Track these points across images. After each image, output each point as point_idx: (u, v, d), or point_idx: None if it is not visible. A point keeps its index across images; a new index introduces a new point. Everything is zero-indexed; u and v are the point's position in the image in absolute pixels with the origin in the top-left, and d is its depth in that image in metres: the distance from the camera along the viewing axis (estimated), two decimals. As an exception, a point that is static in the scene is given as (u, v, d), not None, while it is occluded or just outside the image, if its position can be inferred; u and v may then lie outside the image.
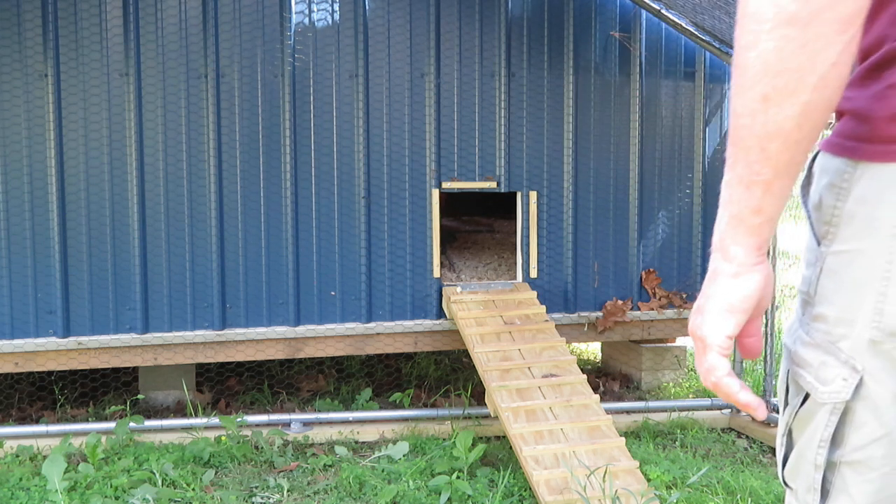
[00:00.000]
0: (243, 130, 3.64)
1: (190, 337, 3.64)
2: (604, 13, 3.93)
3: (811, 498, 1.01)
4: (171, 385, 4.03)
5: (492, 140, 3.86)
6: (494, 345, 3.42)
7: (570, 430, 3.00)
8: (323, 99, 3.70)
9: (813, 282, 0.99)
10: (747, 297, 0.96)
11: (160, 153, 3.59)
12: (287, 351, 3.76)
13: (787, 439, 1.04)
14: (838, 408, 0.96)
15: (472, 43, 3.81)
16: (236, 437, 3.47)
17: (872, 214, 0.90)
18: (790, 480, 1.06)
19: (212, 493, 3.00)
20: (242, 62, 3.62)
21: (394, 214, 3.79)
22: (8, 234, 3.49)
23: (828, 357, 0.96)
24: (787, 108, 0.86)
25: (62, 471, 2.89)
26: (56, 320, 3.54)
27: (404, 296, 3.83)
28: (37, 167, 3.49)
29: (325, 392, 4.26)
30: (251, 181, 3.67)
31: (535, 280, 3.93)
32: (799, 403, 1.01)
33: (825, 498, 1.00)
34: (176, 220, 3.62)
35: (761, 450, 3.59)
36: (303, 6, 3.66)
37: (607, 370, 4.74)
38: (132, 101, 3.54)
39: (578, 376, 3.27)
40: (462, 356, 4.86)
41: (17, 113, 3.46)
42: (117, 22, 3.51)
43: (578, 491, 2.67)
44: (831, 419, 0.97)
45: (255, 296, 3.70)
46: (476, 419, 3.73)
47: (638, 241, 4.03)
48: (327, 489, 3.07)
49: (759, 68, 0.86)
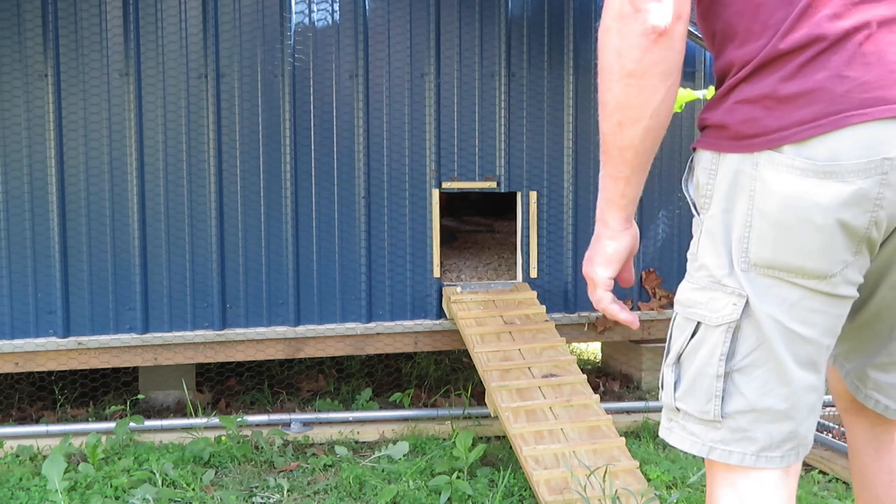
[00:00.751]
0: (243, 130, 3.64)
1: (190, 337, 3.64)
2: (604, 13, 3.94)
3: (712, 406, 1.32)
4: (171, 385, 4.03)
5: (492, 140, 3.86)
6: (494, 345, 3.42)
7: (571, 430, 3.00)
8: (323, 99, 3.70)
9: (695, 243, 1.37)
10: (619, 251, 1.46)
11: (160, 153, 3.59)
12: (287, 351, 3.76)
13: (677, 368, 1.37)
14: (731, 326, 1.30)
15: (472, 43, 3.81)
16: (236, 437, 3.47)
17: (733, 186, 1.30)
18: (682, 403, 1.36)
19: (212, 493, 3.00)
20: (242, 62, 3.62)
21: (394, 214, 3.79)
22: (8, 234, 3.49)
23: (714, 293, 1.31)
24: (634, 129, 1.31)
25: (62, 471, 2.89)
26: (56, 320, 3.54)
27: (404, 296, 3.83)
28: (37, 167, 3.49)
29: (325, 392, 4.26)
30: (251, 181, 3.67)
31: (535, 280, 3.93)
32: (690, 335, 1.34)
33: (724, 402, 1.32)
34: (176, 220, 3.62)
35: (761, 450, 3.59)
36: (303, 6, 3.66)
37: (607, 370, 4.74)
38: (132, 101, 3.54)
39: (578, 376, 3.27)
40: (462, 356, 4.86)
41: (17, 113, 3.46)
42: (117, 22, 3.51)
43: (578, 491, 2.67)
44: (727, 336, 1.30)
45: (255, 296, 3.70)
46: (476, 419, 3.73)
47: (638, 241, 4.03)
48: (327, 489, 3.07)
49: (615, 104, 1.30)
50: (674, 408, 1.39)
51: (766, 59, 1.27)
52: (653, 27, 1.25)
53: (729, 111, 1.31)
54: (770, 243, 1.27)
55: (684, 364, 1.37)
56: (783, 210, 1.26)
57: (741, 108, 1.29)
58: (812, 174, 1.23)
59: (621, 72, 1.28)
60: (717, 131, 1.33)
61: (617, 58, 1.28)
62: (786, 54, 1.25)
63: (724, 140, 1.31)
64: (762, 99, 1.27)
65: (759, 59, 1.28)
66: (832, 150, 1.22)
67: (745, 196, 1.28)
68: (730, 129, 1.31)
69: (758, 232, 1.28)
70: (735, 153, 1.30)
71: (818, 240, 1.26)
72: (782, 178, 1.25)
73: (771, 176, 1.26)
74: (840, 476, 3.21)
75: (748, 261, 1.29)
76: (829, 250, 1.27)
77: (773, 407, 1.30)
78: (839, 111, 1.22)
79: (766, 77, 1.27)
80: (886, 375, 1.51)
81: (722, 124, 1.32)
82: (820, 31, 1.24)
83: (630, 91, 1.29)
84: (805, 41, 1.24)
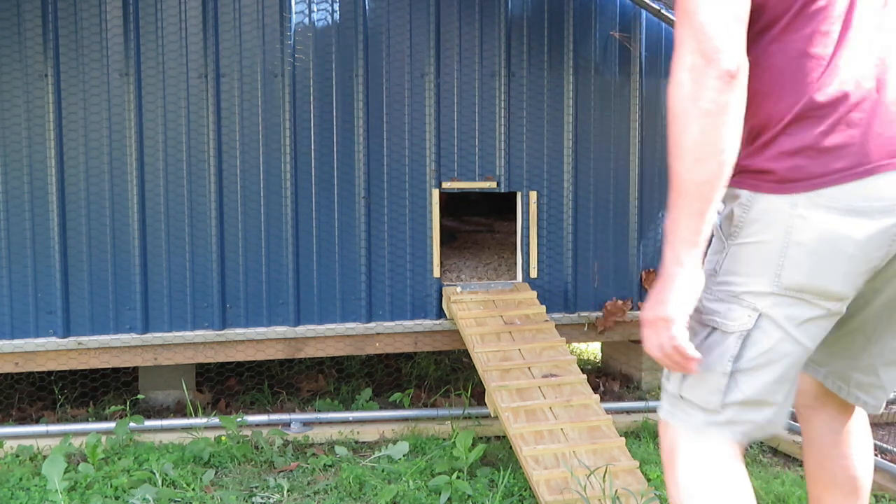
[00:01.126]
0: (243, 130, 3.64)
1: (190, 337, 3.64)
2: (604, 13, 3.93)
3: (715, 398, 1.57)
4: (171, 385, 4.03)
5: (492, 140, 3.86)
6: (494, 345, 3.42)
7: (570, 430, 3.00)
8: (323, 99, 3.70)
9: (720, 262, 1.59)
10: (697, 288, 1.52)
11: (160, 153, 3.59)
12: (287, 351, 3.76)
13: None
14: (743, 334, 1.54)
15: (472, 43, 3.81)
16: (236, 437, 3.47)
17: (768, 222, 1.53)
18: (688, 393, 1.60)
19: (212, 493, 3.00)
20: (242, 62, 3.62)
21: (394, 214, 3.79)
22: (8, 234, 3.49)
23: (733, 305, 1.56)
24: (711, 164, 1.46)
25: (62, 471, 2.89)
26: (56, 320, 3.54)
27: (404, 296, 3.83)
28: (37, 167, 3.49)
29: (325, 392, 4.26)
30: (251, 181, 3.67)
31: (535, 280, 3.93)
32: (704, 337, 1.58)
33: (725, 395, 1.56)
34: (176, 220, 3.62)
35: (761, 450, 3.59)
36: (303, 6, 3.65)
37: (607, 370, 4.74)
38: (132, 101, 3.54)
39: (578, 376, 3.27)
40: (462, 356, 4.86)
41: (17, 113, 3.46)
42: (117, 22, 3.51)
43: (578, 491, 2.67)
44: (738, 342, 1.55)
45: (255, 296, 3.70)
46: (476, 419, 3.73)
47: (638, 241, 4.03)
48: (327, 489, 3.07)
49: (692, 143, 1.45)
50: (678, 396, 1.62)
51: (802, 114, 1.52)
52: (727, 70, 1.45)
53: (774, 159, 1.54)
54: (805, 269, 1.52)
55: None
56: (821, 241, 1.51)
57: (786, 157, 1.53)
58: (847, 213, 1.49)
59: (698, 113, 1.46)
60: (759, 175, 1.55)
61: (693, 101, 1.46)
62: (820, 108, 1.50)
63: (766, 182, 1.54)
64: (806, 150, 1.51)
65: (795, 113, 1.52)
66: (865, 194, 1.49)
67: (781, 230, 1.52)
68: (775, 174, 1.53)
69: (793, 260, 1.52)
70: (776, 194, 1.53)
71: (845, 267, 1.52)
72: (821, 216, 1.50)
73: (811, 213, 1.50)
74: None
75: (780, 284, 1.53)
76: (851, 277, 1.53)
77: (766, 400, 1.57)
78: (870, 161, 1.49)
79: (805, 130, 1.52)
80: (867, 377, 1.78)
81: (766, 170, 1.54)
82: (848, 90, 1.50)
83: (707, 129, 1.46)
84: (836, 98, 1.50)
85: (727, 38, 1.48)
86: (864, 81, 1.51)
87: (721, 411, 1.57)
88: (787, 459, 3.50)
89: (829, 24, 1.52)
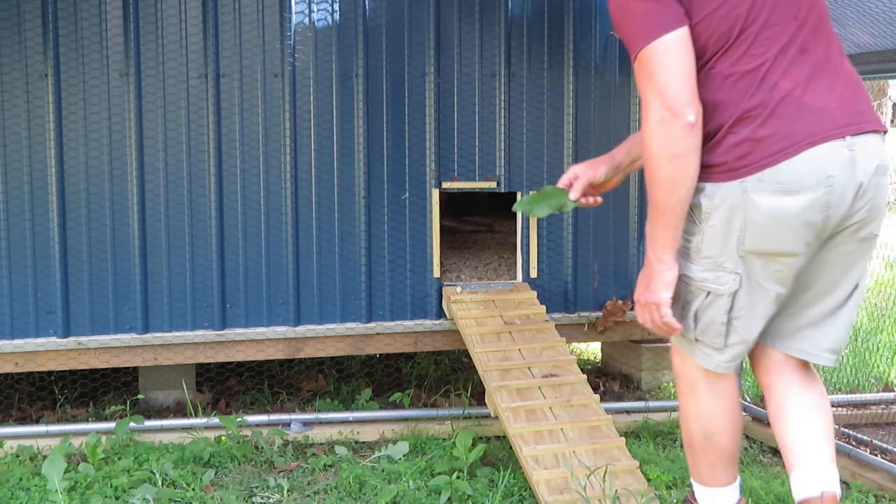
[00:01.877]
0: (243, 130, 3.64)
1: (190, 337, 3.64)
2: (604, 13, 3.93)
3: (720, 340, 2.17)
4: (171, 385, 4.03)
5: (492, 140, 3.86)
6: (494, 345, 3.42)
7: (570, 430, 3.00)
8: (323, 99, 3.70)
9: (700, 241, 2.10)
10: (674, 278, 2.11)
11: (160, 153, 3.59)
12: (287, 351, 3.76)
13: (695, 319, 2.17)
14: (732, 294, 2.10)
15: (472, 43, 3.81)
16: (236, 437, 3.47)
17: (728, 205, 2.04)
18: (701, 337, 2.19)
19: (212, 493, 3.00)
20: (242, 62, 3.62)
21: (394, 214, 3.79)
22: (8, 234, 3.49)
23: (719, 273, 2.10)
24: (681, 192, 2.02)
25: (62, 471, 2.89)
26: (56, 320, 3.54)
27: (404, 296, 3.83)
28: (37, 167, 3.49)
29: (325, 392, 4.26)
30: (251, 181, 3.67)
31: (535, 280, 3.93)
32: (703, 298, 2.13)
33: (726, 337, 2.16)
34: (176, 220, 3.62)
35: (761, 450, 3.59)
36: (303, 6, 3.66)
37: (607, 370, 4.74)
38: (132, 101, 3.54)
39: (578, 376, 3.27)
40: (462, 356, 4.86)
41: (18, 113, 3.46)
42: (117, 22, 3.51)
43: (578, 491, 2.68)
44: (729, 300, 2.11)
45: (255, 296, 3.70)
46: (476, 419, 3.73)
47: (638, 241, 4.03)
48: (327, 489, 3.08)
49: (666, 178, 2.00)
50: (695, 340, 2.20)
51: (741, 116, 2.01)
52: (689, 123, 1.96)
53: (725, 153, 2.03)
54: (760, 237, 2.04)
55: (699, 316, 2.16)
56: (766, 217, 2.02)
57: (733, 149, 2.02)
58: (784, 193, 1.99)
59: (669, 156, 1.99)
60: (715, 168, 2.04)
61: (664, 148, 1.98)
62: (754, 109, 2.00)
63: (721, 173, 2.03)
64: (746, 141, 2.00)
65: (735, 116, 2.01)
66: (794, 173, 1.98)
67: (740, 210, 2.03)
68: (726, 164, 2.03)
69: (751, 232, 2.04)
70: (730, 181, 2.03)
71: (791, 233, 2.03)
72: (765, 198, 2.00)
73: (757, 196, 2.01)
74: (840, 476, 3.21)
75: (745, 249, 2.06)
76: (798, 238, 2.03)
77: (750, 336, 2.18)
78: (795, 143, 1.97)
79: (744, 127, 2.00)
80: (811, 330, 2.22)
81: (720, 162, 2.03)
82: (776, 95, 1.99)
83: (677, 167, 2.00)
84: (765, 101, 1.99)
85: (687, 94, 1.97)
86: (789, 89, 1.99)
87: (724, 350, 2.18)
88: (787, 459, 3.50)
89: (758, 48, 2.00)
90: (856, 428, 3.63)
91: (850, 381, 4.48)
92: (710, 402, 2.26)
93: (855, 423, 3.74)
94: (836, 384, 4.39)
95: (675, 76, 1.97)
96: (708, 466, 2.33)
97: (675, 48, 1.97)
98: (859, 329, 5.29)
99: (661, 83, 1.97)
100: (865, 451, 3.25)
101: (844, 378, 4.51)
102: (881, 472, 3.09)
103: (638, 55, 2.03)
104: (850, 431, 3.43)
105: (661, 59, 1.98)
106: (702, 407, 2.27)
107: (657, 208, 2.05)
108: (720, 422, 2.28)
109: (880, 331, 5.29)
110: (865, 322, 5.45)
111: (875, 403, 4.00)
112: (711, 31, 2.01)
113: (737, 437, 2.33)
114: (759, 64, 2.00)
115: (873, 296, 5.89)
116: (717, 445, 2.30)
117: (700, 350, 2.21)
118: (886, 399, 4.05)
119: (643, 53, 2.01)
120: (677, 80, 1.96)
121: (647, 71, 2.00)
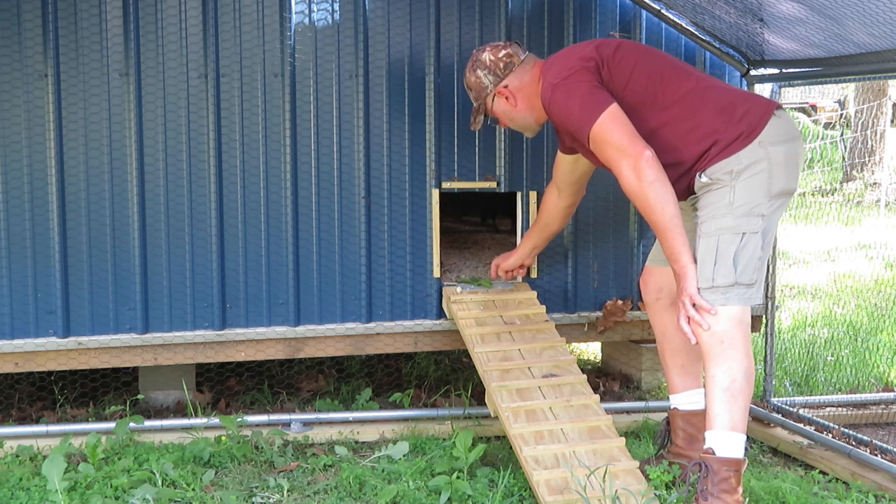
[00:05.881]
0: (243, 130, 3.64)
1: (190, 337, 3.64)
2: (604, 13, 3.93)
3: (755, 275, 2.68)
4: (171, 385, 4.03)
5: (492, 140, 3.86)
6: (494, 345, 3.42)
7: (570, 431, 3.00)
8: (323, 99, 3.70)
9: (732, 195, 2.68)
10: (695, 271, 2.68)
11: (160, 153, 3.59)
12: (287, 351, 3.76)
13: (735, 261, 2.65)
14: (762, 232, 2.69)
15: (472, 43, 3.80)
16: (236, 437, 3.47)
17: (756, 160, 2.70)
18: (741, 278, 2.65)
19: (212, 493, 3.00)
20: (242, 62, 3.62)
21: (394, 214, 3.78)
22: (8, 234, 3.49)
23: (751, 218, 2.67)
24: (670, 206, 2.64)
25: (62, 471, 2.89)
26: (56, 320, 3.54)
27: (404, 296, 3.82)
28: (37, 167, 3.49)
29: (325, 392, 4.26)
30: (251, 181, 3.67)
31: (535, 280, 3.93)
32: (739, 241, 2.65)
33: (758, 272, 2.68)
34: (176, 220, 3.62)
35: (761, 450, 3.59)
36: (303, 6, 3.65)
37: (607, 370, 4.74)
38: (132, 101, 3.54)
39: (578, 376, 3.27)
40: (462, 356, 4.86)
41: (17, 113, 3.46)
42: (117, 22, 3.51)
43: (578, 491, 2.68)
44: (760, 238, 2.68)
45: (255, 296, 3.70)
46: (476, 419, 3.73)
47: (638, 241, 4.03)
48: (327, 489, 3.08)
49: (655, 200, 2.63)
50: (733, 283, 2.64)
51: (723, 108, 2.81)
52: (648, 156, 2.64)
53: (736, 125, 2.76)
54: (784, 178, 2.73)
55: (738, 258, 2.64)
56: (786, 157, 2.73)
57: (739, 124, 2.76)
58: (785, 141, 2.75)
59: (646, 184, 2.62)
60: (735, 141, 2.73)
61: (641, 181, 2.63)
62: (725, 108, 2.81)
63: (740, 141, 2.72)
64: (745, 116, 2.78)
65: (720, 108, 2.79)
66: (784, 125, 2.79)
67: (764, 161, 2.69)
68: (742, 133, 2.74)
69: (777, 175, 2.69)
70: (750, 143, 2.69)
71: (798, 172, 2.81)
72: (778, 147, 2.71)
73: (773, 148, 2.71)
74: (840, 476, 3.21)
75: (771, 193, 2.70)
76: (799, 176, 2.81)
77: (764, 272, 2.82)
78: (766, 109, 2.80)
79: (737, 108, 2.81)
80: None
81: (735, 136, 2.74)
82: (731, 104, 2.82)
83: (657, 190, 2.62)
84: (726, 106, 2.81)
85: (637, 142, 2.64)
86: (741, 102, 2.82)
87: (755, 283, 2.67)
88: (787, 459, 3.50)
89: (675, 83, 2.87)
90: (856, 428, 3.63)
91: (850, 381, 4.48)
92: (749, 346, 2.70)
93: (855, 423, 3.75)
94: (836, 384, 4.39)
95: (624, 135, 2.64)
96: (745, 410, 2.68)
97: (615, 116, 2.66)
98: (859, 329, 5.29)
99: (616, 141, 2.64)
100: (865, 451, 3.25)
101: (844, 378, 4.51)
102: (881, 472, 3.09)
103: (590, 135, 2.67)
104: (850, 431, 3.43)
105: (609, 126, 2.65)
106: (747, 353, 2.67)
107: (661, 227, 2.64)
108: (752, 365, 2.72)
109: (880, 331, 5.30)
110: (865, 322, 5.45)
111: (875, 403, 4.01)
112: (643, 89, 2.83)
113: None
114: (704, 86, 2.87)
115: (873, 296, 5.89)
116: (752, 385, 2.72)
117: (735, 292, 2.63)
118: (886, 399, 4.06)
119: (594, 130, 2.66)
120: (626, 137, 2.64)
121: (602, 140, 2.67)
